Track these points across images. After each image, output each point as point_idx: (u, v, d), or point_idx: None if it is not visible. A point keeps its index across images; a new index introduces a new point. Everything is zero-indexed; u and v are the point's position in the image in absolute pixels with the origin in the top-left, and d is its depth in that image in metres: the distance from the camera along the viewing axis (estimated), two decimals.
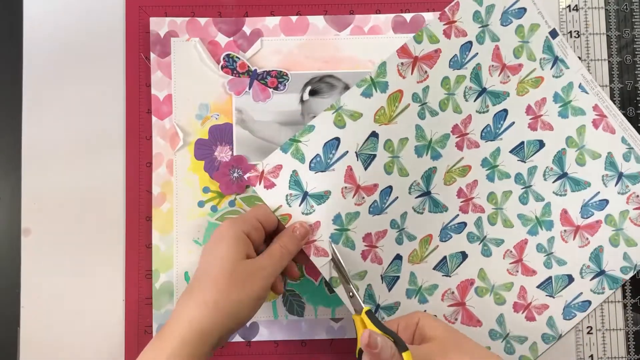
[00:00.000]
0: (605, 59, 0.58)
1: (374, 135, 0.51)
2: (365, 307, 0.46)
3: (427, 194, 0.54)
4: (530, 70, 0.55)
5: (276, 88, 0.56)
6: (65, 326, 0.54)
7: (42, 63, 0.56)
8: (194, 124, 0.55)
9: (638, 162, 0.55)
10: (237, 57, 0.55)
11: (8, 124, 0.56)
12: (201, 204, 0.55)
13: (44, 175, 0.55)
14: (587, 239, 0.55)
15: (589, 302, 0.55)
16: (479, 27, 0.54)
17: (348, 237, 0.51)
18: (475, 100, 0.54)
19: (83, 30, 0.56)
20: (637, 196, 0.55)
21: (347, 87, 0.56)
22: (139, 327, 0.54)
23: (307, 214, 0.50)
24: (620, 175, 0.55)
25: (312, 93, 0.56)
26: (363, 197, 0.51)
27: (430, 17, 0.56)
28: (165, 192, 0.55)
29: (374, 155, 0.51)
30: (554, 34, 0.55)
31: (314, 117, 0.55)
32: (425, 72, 0.53)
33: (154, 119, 0.55)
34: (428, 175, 0.53)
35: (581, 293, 0.55)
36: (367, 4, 0.57)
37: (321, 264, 0.49)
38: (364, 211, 0.51)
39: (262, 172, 0.51)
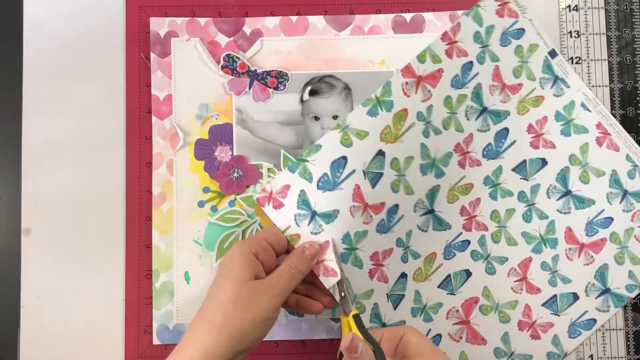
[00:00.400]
0: (605, 59, 0.58)
1: (381, 153, 0.51)
2: (353, 311, 0.46)
3: (431, 212, 0.54)
4: (530, 90, 0.55)
5: (276, 88, 0.55)
6: (65, 326, 0.54)
7: (42, 63, 0.56)
8: (194, 124, 0.55)
9: None
10: (237, 57, 0.55)
11: (8, 124, 0.56)
12: (201, 204, 0.55)
13: (44, 175, 0.55)
14: (592, 256, 0.55)
15: (594, 320, 0.55)
16: (480, 48, 0.54)
17: (356, 256, 0.51)
18: (476, 119, 0.54)
19: (83, 30, 0.56)
20: None
21: (347, 87, 0.56)
22: (139, 327, 0.54)
23: (315, 233, 0.50)
24: (625, 193, 0.55)
25: (312, 93, 0.56)
26: (371, 216, 0.51)
27: (430, 17, 0.56)
28: (165, 192, 0.55)
29: (381, 174, 0.51)
30: (552, 53, 0.55)
31: (314, 117, 0.55)
32: (429, 91, 0.53)
33: (154, 119, 0.55)
34: (432, 194, 0.53)
35: (586, 311, 0.55)
36: (367, 4, 0.57)
37: (330, 284, 0.49)
38: (371, 230, 0.51)
39: (271, 192, 0.51)
